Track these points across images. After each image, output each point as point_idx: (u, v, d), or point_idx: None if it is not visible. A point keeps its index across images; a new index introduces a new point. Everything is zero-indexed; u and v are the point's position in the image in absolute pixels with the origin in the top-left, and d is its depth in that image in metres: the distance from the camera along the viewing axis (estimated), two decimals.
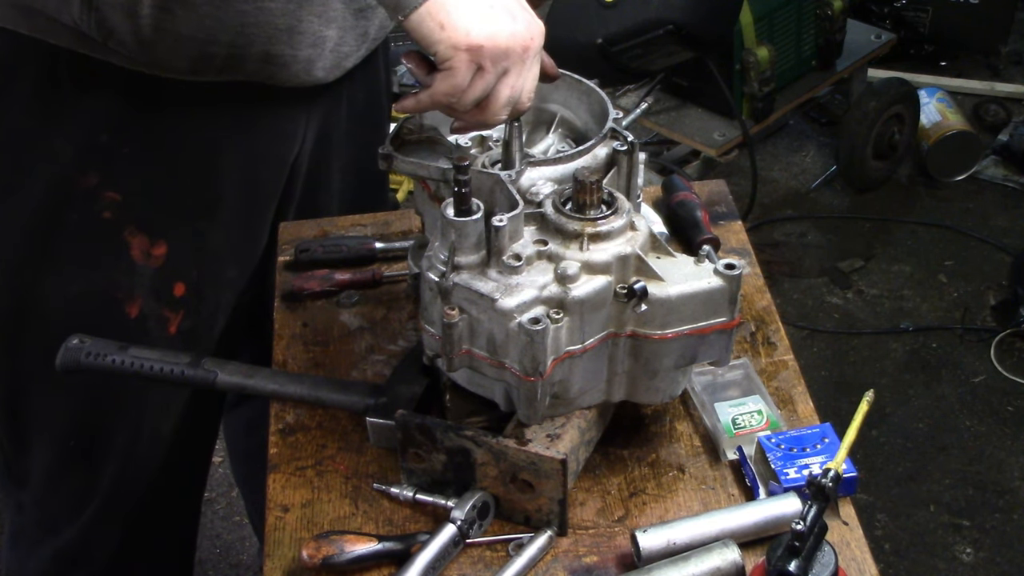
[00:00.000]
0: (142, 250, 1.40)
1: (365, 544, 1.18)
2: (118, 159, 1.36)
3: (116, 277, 1.41)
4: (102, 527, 1.59)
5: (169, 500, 1.65)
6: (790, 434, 1.26)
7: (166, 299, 1.44)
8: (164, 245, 1.41)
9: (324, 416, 1.36)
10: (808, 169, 3.64)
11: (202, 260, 1.46)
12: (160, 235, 1.41)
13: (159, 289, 1.43)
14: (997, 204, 3.47)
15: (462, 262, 1.14)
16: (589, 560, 1.19)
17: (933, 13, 3.89)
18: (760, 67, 3.11)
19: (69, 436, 1.52)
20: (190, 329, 1.47)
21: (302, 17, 1.33)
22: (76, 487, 1.56)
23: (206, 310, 1.49)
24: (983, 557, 2.46)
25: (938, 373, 2.91)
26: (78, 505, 1.57)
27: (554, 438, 1.20)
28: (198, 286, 1.46)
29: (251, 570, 2.51)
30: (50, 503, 1.59)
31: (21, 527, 1.64)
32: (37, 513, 1.61)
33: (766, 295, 1.51)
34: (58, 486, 1.57)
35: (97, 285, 1.41)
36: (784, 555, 1.06)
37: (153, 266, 1.42)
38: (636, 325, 1.17)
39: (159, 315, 1.44)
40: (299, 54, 1.36)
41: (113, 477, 1.54)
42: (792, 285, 3.20)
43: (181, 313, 1.46)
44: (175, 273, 1.44)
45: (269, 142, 1.48)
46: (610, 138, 1.25)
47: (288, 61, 1.37)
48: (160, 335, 1.45)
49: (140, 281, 1.42)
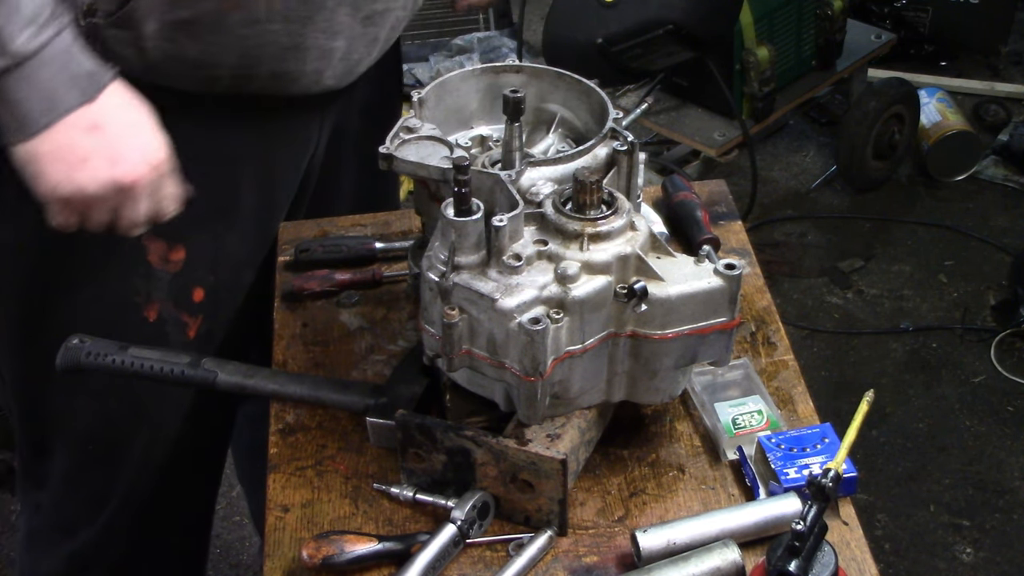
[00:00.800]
0: (160, 255, 1.40)
1: (365, 544, 1.18)
2: None
3: (134, 281, 1.41)
4: (116, 529, 1.59)
5: (183, 500, 1.65)
6: (790, 434, 1.26)
7: (185, 304, 1.44)
8: (183, 250, 1.41)
9: (324, 416, 1.36)
10: (808, 169, 3.64)
11: (220, 265, 1.46)
12: (178, 240, 1.41)
13: (177, 294, 1.43)
14: (997, 204, 3.47)
15: (462, 262, 1.14)
16: (589, 560, 1.19)
17: (933, 13, 3.90)
18: (760, 67, 3.11)
19: (88, 440, 1.52)
20: (207, 333, 1.47)
21: (306, 34, 1.33)
22: (94, 490, 1.56)
23: (224, 315, 1.49)
24: (983, 557, 2.47)
25: (938, 373, 2.91)
26: (95, 508, 1.57)
27: (554, 438, 1.20)
28: (216, 291, 1.46)
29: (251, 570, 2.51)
30: (67, 506, 1.59)
31: (38, 528, 1.64)
32: (54, 515, 1.61)
33: (766, 295, 1.51)
34: (76, 489, 1.57)
35: (114, 289, 1.41)
36: (784, 555, 1.06)
37: (171, 271, 1.42)
38: (636, 325, 1.17)
39: (178, 320, 1.44)
40: (307, 68, 1.37)
41: (130, 480, 1.54)
42: (792, 285, 3.20)
43: (200, 318, 1.46)
44: (194, 278, 1.44)
45: (285, 147, 1.48)
46: (610, 138, 1.25)
47: (296, 76, 1.37)
48: (179, 339, 1.45)
49: (158, 285, 1.42)
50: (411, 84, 3.79)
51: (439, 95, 1.33)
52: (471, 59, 3.76)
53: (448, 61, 3.81)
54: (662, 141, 3.50)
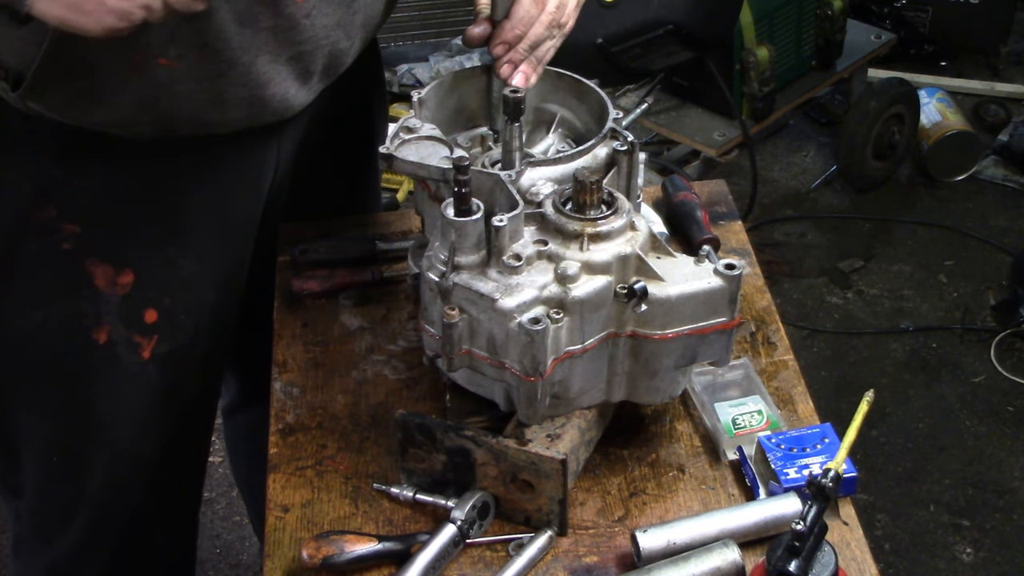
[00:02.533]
0: (107, 279, 1.38)
1: (365, 544, 1.18)
2: (76, 192, 1.34)
3: (81, 305, 1.39)
4: (94, 544, 1.59)
5: (160, 520, 1.64)
6: (790, 434, 1.26)
7: (136, 326, 1.42)
8: (131, 274, 1.39)
9: (324, 416, 1.36)
10: (808, 169, 3.64)
11: (174, 286, 1.43)
12: (125, 264, 1.38)
13: (128, 316, 1.41)
14: (997, 204, 3.47)
15: (462, 262, 1.14)
16: (589, 560, 1.19)
17: (933, 13, 3.90)
18: (760, 67, 3.11)
19: (51, 453, 1.51)
20: (166, 353, 1.45)
21: (224, 88, 1.27)
22: (62, 500, 1.55)
23: (184, 335, 1.46)
24: (983, 557, 2.46)
25: (938, 373, 2.91)
26: (66, 517, 1.56)
27: (554, 438, 1.20)
28: (172, 312, 1.44)
29: (251, 570, 2.51)
30: (41, 515, 1.59)
31: (21, 535, 1.64)
32: (31, 524, 1.61)
33: (766, 295, 1.51)
34: (47, 498, 1.57)
35: (62, 312, 1.39)
36: (784, 555, 1.06)
37: (120, 294, 1.39)
38: (636, 325, 1.17)
39: (129, 341, 1.42)
40: (234, 116, 1.32)
41: (98, 494, 1.53)
42: (792, 285, 3.20)
43: (155, 338, 1.43)
44: (145, 300, 1.41)
45: (237, 175, 1.44)
46: (610, 138, 1.25)
47: (224, 122, 1.32)
48: (132, 360, 1.43)
49: (107, 308, 1.40)
50: (411, 84, 3.79)
51: (439, 95, 1.33)
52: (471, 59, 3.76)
53: (448, 61, 3.80)
54: (662, 141, 3.50)
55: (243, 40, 1.24)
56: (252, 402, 1.91)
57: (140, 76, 1.22)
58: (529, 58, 1.28)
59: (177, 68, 1.23)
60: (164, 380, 1.46)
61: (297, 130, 1.48)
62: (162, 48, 1.20)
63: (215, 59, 1.24)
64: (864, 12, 3.86)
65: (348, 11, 1.33)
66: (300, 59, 1.32)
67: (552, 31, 1.28)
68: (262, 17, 1.24)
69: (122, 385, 1.44)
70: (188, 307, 1.45)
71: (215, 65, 1.24)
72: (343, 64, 1.40)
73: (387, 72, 3.78)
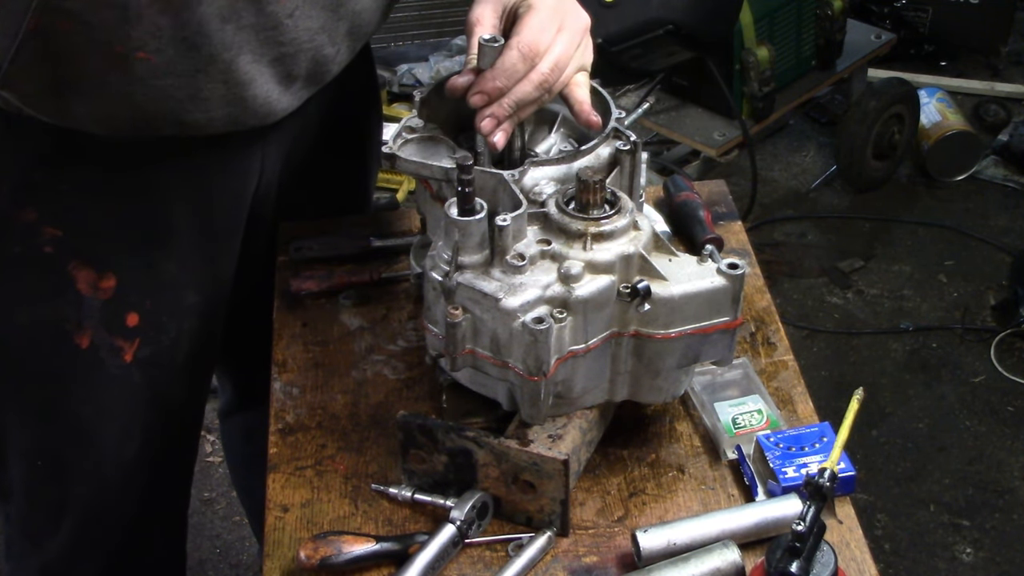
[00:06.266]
0: (89, 283, 1.37)
1: (363, 544, 1.17)
2: (57, 195, 1.33)
3: (64, 309, 1.38)
4: (84, 547, 1.58)
5: (151, 521, 1.64)
6: (788, 433, 1.26)
7: (118, 330, 1.41)
8: (113, 278, 1.38)
9: (324, 416, 1.36)
10: (808, 169, 3.64)
11: (156, 290, 1.42)
12: (107, 268, 1.37)
13: (110, 320, 1.40)
14: (997, 204, 3.47)
15: (466, 262, 1.14)
16: (589, 560, 1.19)
17: (933, 13, 3.90)
18: (760, 67, 3.11)
19: (35, 456, 1.51)
20: (148, 356, 1.44)
21: (202, 86, 1.25)
22: (49, 503, 1.55)
23: (166, 337, 1.45)
24: (983, 557, 2.47)
25: (938, 373, 2.91)
26: (54, 520, 1.56)
27: (556, 438, 1.20)
28: (155, 315, 1.43)
29: (251, 570, 2.51)
30: (29, 517, 1.59)
31: (11, 537, 1.64)
32: (21, 525, 1.61)
33: (766, 295, 1.51)
34: (33, 502, 1.56)
35: (45, 316, 1.39)
36: (784, 556, 1.06)
37: (102, 298, 1.38)
38: (639, 324, 1.17)
39: (111, 344, 1.41)
40: (216, 115, 1.30)
41: (85, 498, 1.53)
42: (792, 285, 3.20)
43: (137, 341, 1.42)
44: (127, 304, 1.40)
45: (221, 181, 1.43)
46: (613, 138, 1.25)
47: (205, 123, 1.30)
48: (115, 363, 1.42)
49: (89, 313, 1.39)
50: (411, 84, 3.79)
51: (440, 94, 1.33)
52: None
53: (448, 61, 3.80)
54: (662, 141, 3.50)
55: (224, 36, 1.23)
56: (248, 404, 1.91)
57: (118, 68, 1.21)
58: (512, 117, 1.21)
59: (156, 63, 1.21)
60: (147, 383, 1.45)
61: (284, 138, 1.47)
62: (142, 41, 1.19)
63: (195, 54, 1.22)
64: (864, 12, 3.87)
65: (333, 16, 1.31)
66: (282, 61, 1.30)
67: (542, 94, 1.21)
68: (244, 14, 1.22)
69: (105, 389, 1.43)
70: (170, 310, 1.44)
71: (195, 61, 1.23)
72: (329, 72, 1.38)
73: (387, 72, 3.78)
